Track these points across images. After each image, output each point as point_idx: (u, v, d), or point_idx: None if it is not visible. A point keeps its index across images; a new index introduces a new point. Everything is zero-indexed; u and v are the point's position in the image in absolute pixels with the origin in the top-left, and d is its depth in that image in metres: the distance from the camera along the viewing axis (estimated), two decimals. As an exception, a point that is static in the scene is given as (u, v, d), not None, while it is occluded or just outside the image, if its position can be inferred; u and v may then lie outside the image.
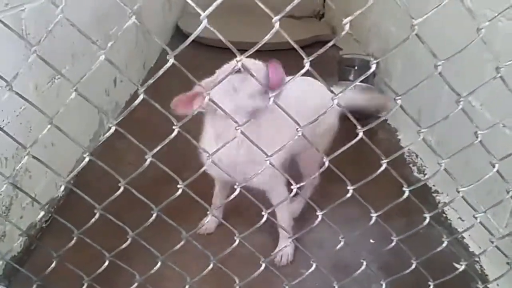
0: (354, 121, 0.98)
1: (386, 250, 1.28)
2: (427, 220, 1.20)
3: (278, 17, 0.81)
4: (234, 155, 1.59)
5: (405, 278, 1.29)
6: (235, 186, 1.09)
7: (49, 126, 0.96)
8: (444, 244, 1.24)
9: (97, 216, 1.09)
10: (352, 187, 1.09)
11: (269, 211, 1.14)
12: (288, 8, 0.81)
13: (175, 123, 0.93)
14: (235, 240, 1.18)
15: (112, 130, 0.96)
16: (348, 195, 1.09)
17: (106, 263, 1.21)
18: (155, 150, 0.99)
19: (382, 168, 1.03)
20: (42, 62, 0.89)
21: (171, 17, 4.93)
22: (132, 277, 1.25)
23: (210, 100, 0.94)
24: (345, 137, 1.10)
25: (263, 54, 1.23)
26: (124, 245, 1.16)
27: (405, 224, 2.03)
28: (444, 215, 2.16)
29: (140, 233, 1.15)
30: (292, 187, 1.09)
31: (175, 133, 0.93)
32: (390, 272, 1.43)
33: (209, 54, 3.54)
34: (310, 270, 1.27)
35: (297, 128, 0.97)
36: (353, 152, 1.02)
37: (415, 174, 2.50)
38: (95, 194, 1.08)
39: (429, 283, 1.33)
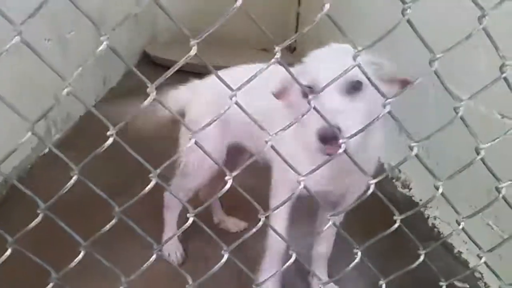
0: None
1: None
2: (421, 258, 1.06)
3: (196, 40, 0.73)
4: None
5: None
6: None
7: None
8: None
9: (39, 218, 0.80)
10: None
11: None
12: None
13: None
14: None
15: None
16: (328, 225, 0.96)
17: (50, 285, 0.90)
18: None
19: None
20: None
21: (139, 42, 4.69)
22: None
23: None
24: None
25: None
26: (76, 260, 0.86)
27: (392, 242, 1.81)
28: (436, 229, 1.97)
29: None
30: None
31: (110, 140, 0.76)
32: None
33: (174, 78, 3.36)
34: None
35: None
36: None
37: (400, 189, 2.32)
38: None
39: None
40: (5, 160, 0.77)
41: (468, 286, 1.59)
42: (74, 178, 0.81)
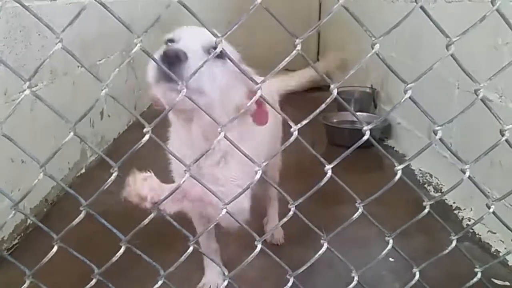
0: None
1: (406, 268, 1.10)
2: (454, 244, 1.05)
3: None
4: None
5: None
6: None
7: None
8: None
9: (82, 215, 0.85)
10: (362, 203, 0.94)
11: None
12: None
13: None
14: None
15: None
16: (357, 213, 0.94)
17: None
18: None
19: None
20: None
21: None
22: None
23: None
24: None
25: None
26: (117, 254, 0.90)
27: (426, 242, 1.85)
28: (471, 230, 1.92)
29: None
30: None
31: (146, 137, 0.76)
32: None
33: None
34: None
35: None
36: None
37: (432, 193, 2.29)
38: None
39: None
40: (51, 159, 0.84)
41: (508, 283, 1.55)
42: (114, 174, 0.86)
